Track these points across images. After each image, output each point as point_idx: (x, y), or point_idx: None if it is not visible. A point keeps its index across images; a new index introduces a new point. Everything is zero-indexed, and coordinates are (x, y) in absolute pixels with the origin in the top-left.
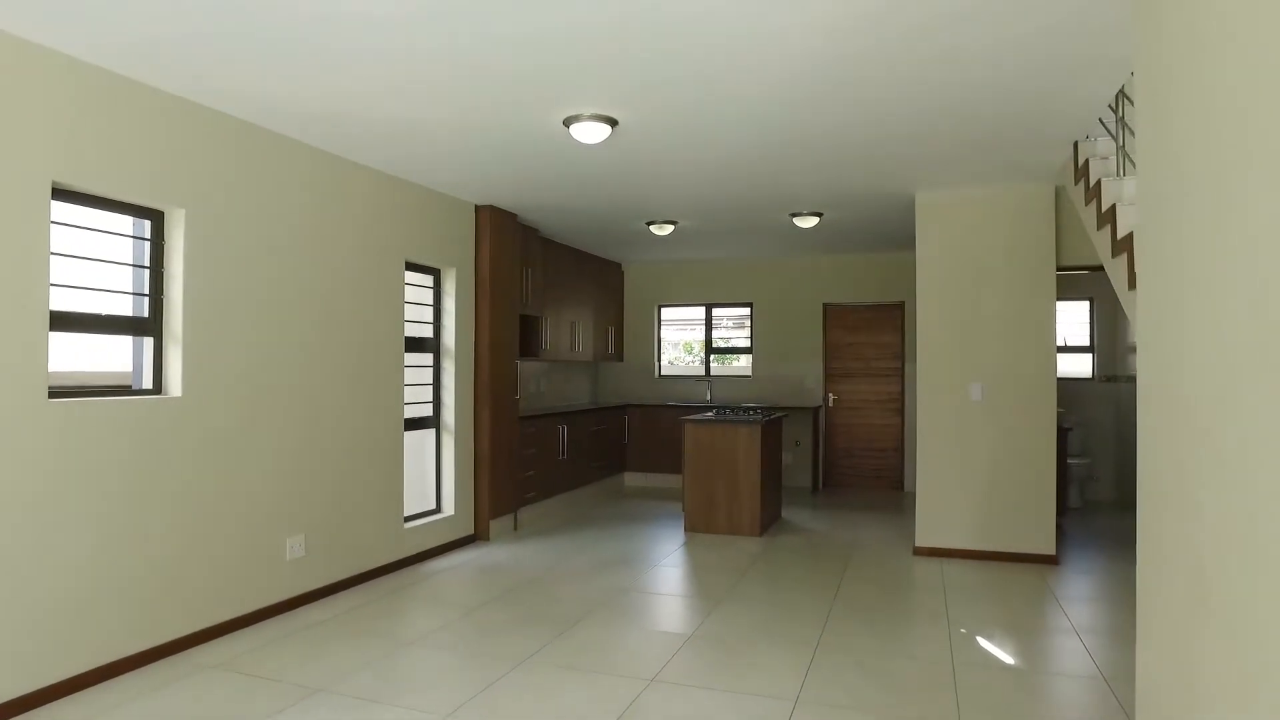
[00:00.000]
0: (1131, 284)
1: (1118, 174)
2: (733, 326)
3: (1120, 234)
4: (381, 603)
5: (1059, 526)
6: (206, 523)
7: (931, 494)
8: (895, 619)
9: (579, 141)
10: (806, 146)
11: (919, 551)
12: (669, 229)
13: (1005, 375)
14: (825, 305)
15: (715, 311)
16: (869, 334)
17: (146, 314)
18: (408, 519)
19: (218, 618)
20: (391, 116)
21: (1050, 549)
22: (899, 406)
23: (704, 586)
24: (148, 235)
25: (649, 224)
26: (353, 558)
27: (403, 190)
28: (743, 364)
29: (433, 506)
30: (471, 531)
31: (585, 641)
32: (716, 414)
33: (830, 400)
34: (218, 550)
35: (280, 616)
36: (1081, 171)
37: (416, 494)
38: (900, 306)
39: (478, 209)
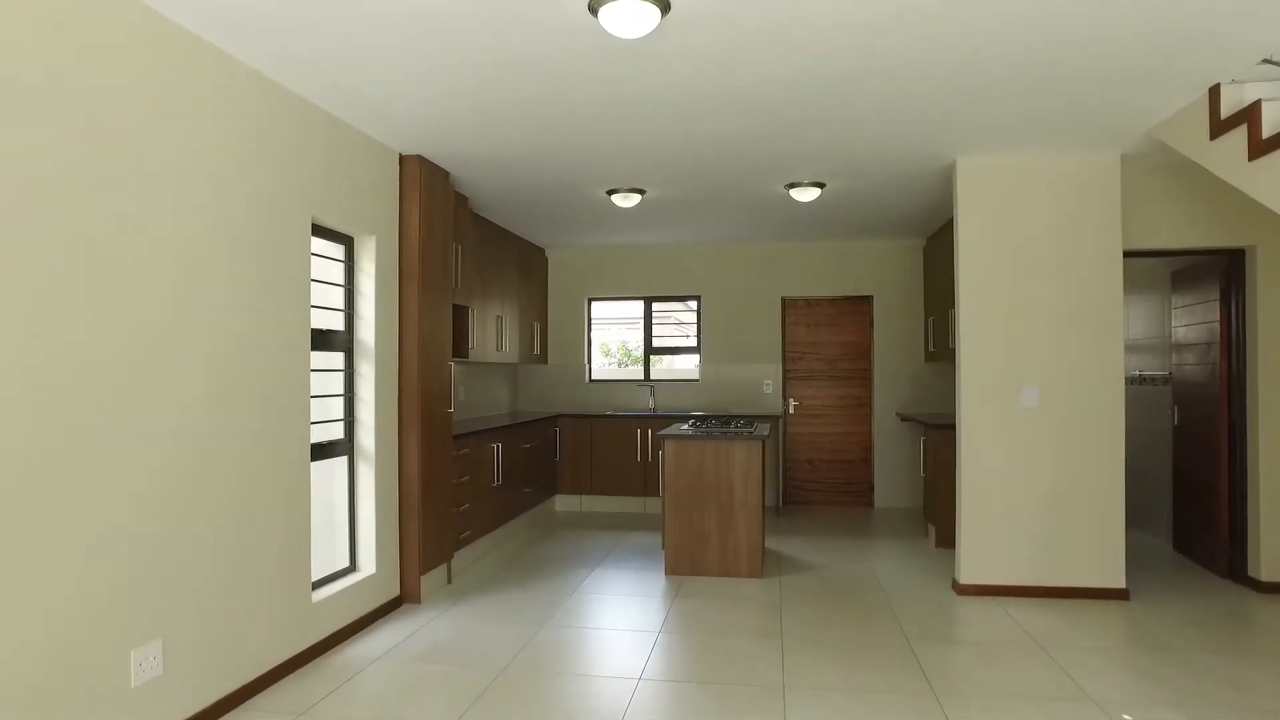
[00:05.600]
0: None
1: None
2: (675, 323)
3: None
4: None
5: None
6: None
7: (977, 520)
8: (1029, 705)
9: (610, 34)
10: (855, 87)
11: (964, 590)
12: (634, 200)
13: (1065, 377)
14: (784, 299)
15: (655, 306)
16: (833, 331)
17: None
18: (316, 584)
19: None
20: None
21: (1120, 581)
22: (867, 413)
23: (747, 668)
24: None
25: (611, 193)
26: (239, 660)
27: (310, 120)
28: (684, 365)
29: (346, 564)
30: (398, 593)
31: None
32: (695, 427)
33: (791, 406)
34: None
35: None
36: (1232, 121)
37: (324, 547)
38: (868, 300)
39: (403, 159)
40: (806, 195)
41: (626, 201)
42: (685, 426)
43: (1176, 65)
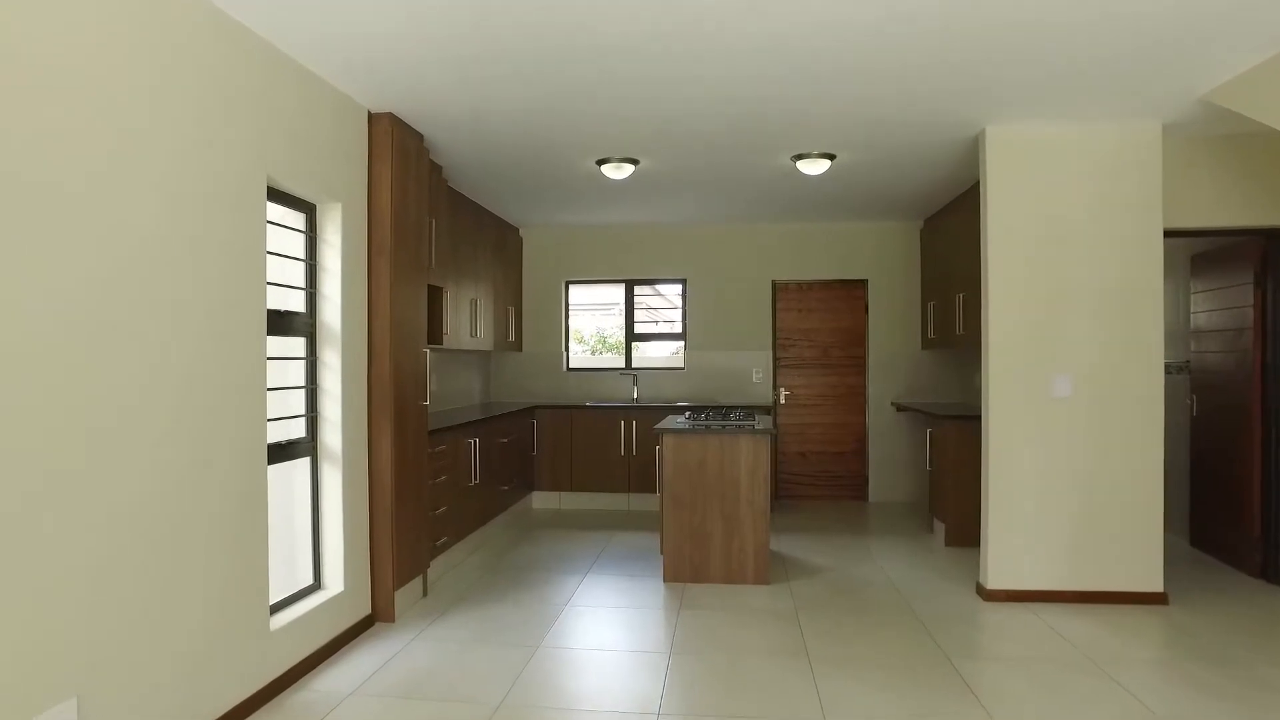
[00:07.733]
0: None
1: None
2: (646, 309)
3: None
4: None
5: None
6: None
7: (1005, 520)
8: None
9: None
10: (883, 38)
11: (992, 595)
12: (627, 171)
13: (1100, 365)
14: (775, 283)
15: (637, 290)
16: (825, 317)
17: None
18: (275, 608)
19: None
20: None
21: (1158, 585)
22: (861, 402)
23: (779, 695)
24: None
25: (601, 163)
26: (182, 709)
27: (266, 63)
28: (657, 353)
29: (310, 582)
30: (369, 611)
31: None
32: (693, 419)
33: (782, 396)
34: None
35: None
36: None
37: (284, 564)
38: (863, 284)
39: (373, 118)
40: (815, 168)
41: (618, 173)
42: (681, 419)
43: (1247, 15)
